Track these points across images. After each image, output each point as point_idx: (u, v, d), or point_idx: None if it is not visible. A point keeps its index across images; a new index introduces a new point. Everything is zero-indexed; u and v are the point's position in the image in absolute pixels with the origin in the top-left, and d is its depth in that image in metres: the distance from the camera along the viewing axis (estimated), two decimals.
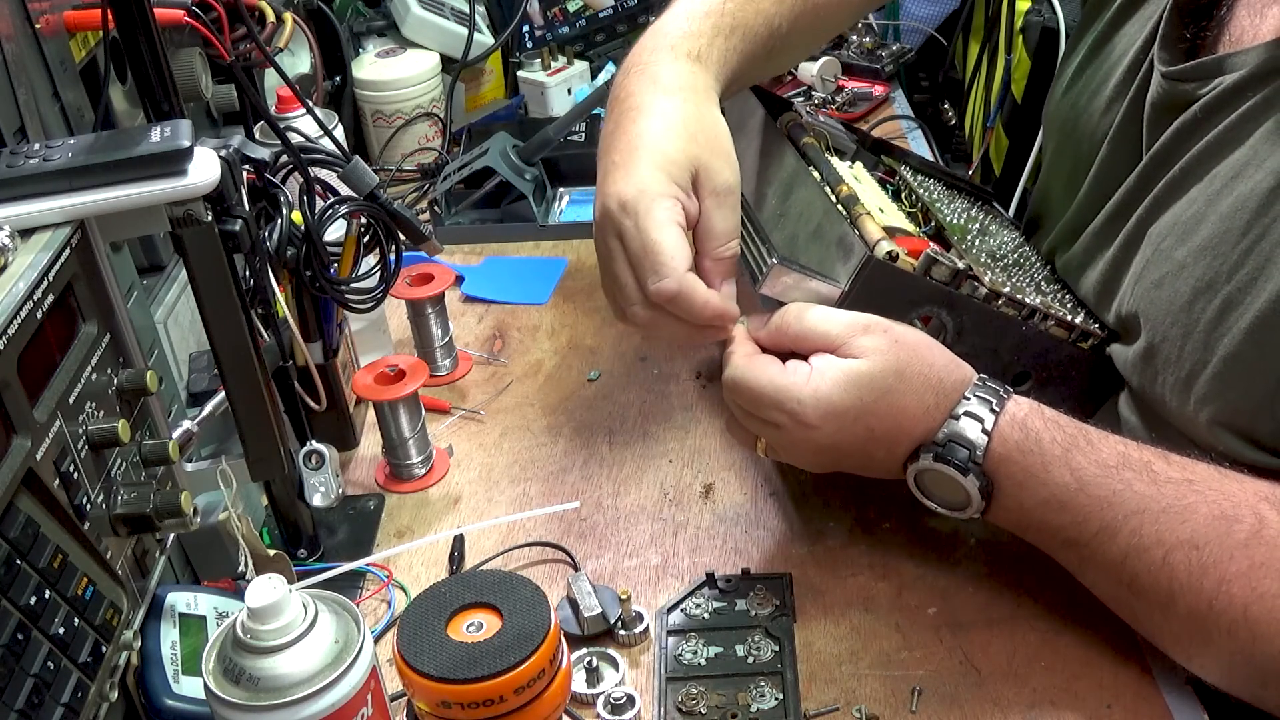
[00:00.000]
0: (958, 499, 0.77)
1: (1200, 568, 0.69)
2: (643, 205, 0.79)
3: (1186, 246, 0.77)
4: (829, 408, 0.76)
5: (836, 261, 0.82)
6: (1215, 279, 0.75)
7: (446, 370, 1.12)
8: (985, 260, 0.89)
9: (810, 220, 0.88)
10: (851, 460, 0.80)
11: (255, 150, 0.78)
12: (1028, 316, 0.84)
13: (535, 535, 0.92)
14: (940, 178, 1.06)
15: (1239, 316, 0.73)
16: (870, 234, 0.82)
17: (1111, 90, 0.91)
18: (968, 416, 0.75)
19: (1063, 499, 0.73)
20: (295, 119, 1.16)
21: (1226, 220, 0.75)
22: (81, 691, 0.61)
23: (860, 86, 1.60)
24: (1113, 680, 0.76)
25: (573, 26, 1.59)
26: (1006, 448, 0.74)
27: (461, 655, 0.68)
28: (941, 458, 0.75)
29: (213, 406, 0.84)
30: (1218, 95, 0.78)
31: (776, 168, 0.96)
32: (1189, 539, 0.69)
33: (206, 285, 0.74)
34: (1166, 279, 0.79)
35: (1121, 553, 0.72)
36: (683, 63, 0.87)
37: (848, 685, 0.78)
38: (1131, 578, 0.72)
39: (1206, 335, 0.75)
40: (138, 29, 0.75)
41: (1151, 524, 0.70)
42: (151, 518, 0.69)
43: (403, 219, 0.89)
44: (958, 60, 1.82)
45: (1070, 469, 0.73)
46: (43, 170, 0.65)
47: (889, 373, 0.76)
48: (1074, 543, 0.74)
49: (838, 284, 0.80)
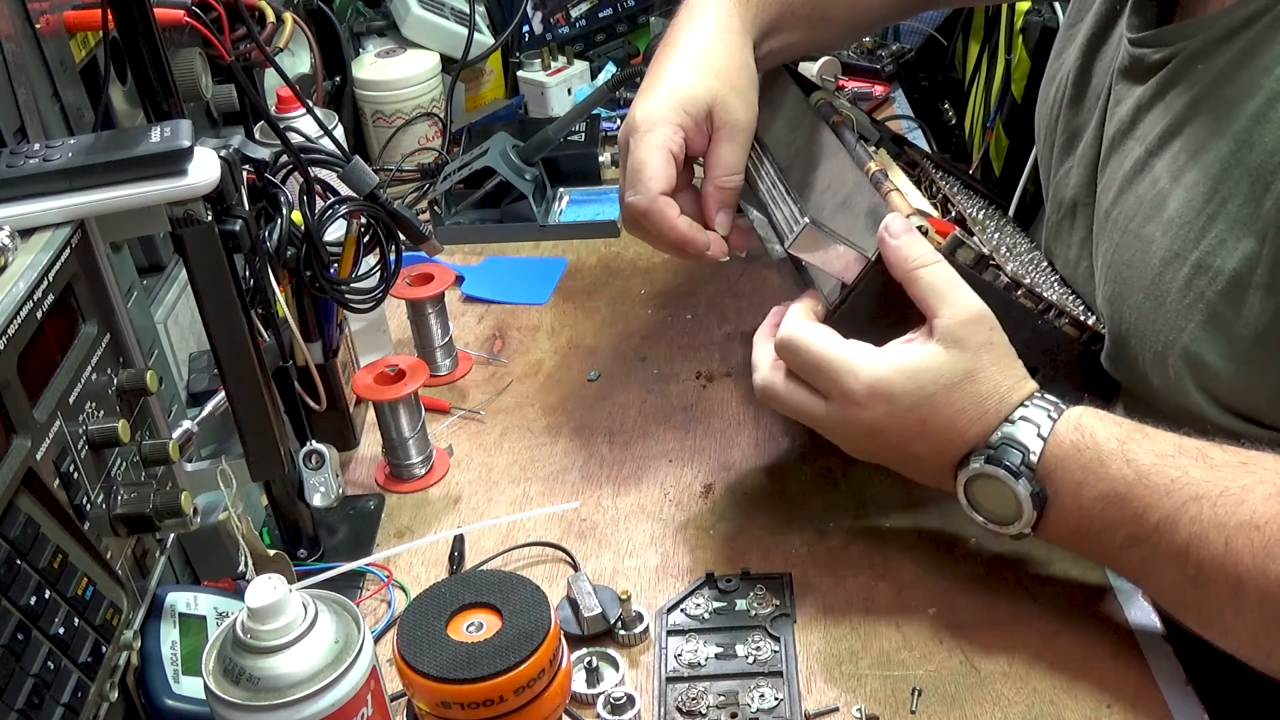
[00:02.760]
0: (1008, 510, 0.75)
1: (1264, 548, 0.66)
2: (643, 128, 0.89)
3: (1154, 222, 0.77)
4: (885, 389, 0.75)
5: (865, 232, 0.81)
6: (1184, 248, 0.75)
7: (446, 370, 1.12)
8: (1004, 253, 0.89)
9: (839, 191, 0.87)
10: (894, 452, 0.79)
11: (255, 150, 0.78)
12: (1044, 311, 0.84)
13: (535, 535, 0.92)
14: (958, 177, 1.06)
15: (1210, 280, 0.73)
16: (900, 209, 0.82)
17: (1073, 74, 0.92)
18: (1024, 421, 0.74)
19: (1121, 491, 0.71)
20: (295, 119, 1.16)
21: (1190, 190, 0.75)
22: (81, 691, 0.61)
23: (860, 86, 1.60)
24: (1113, 680, 0.76)
25: (573, 26, 1.59)
26: (1063, 449, 0.73)
27: (461, 655, 0.68)
28: (994, 460, 0.74)
29: (213, 406, 0.84)
30: (1173, 68, 0.78)
31: (805, 140, 0.96)
32: (1249, 520, 0.67)
33: (206, 285, 0.74)
34: (1137, 257, 0.79)
35: (1184, 543, 0.69)
36: (724, 4, 0.94)
37: (848, 685, 0.78)
38: (1197, 569, 0.69)
39: (1177, 303, 0.75)
40: (138, 29, 0.75)
41: (1210, 508, 0.68)
42: (151, 518, 0.69)
43: (403, 219, 0.89)
44: (958, 60, 1.82)
45: (1127, 460, 0.71)
46: (43, 170, 0.65)
47: (958, 372, 0.75)
48: (1136, 539, 0.72)
49: (866, 253, 0.80)
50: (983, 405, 0.75)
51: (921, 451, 0.78)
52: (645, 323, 1.17)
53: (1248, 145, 0.72)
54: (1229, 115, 0.74)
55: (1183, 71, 0.78)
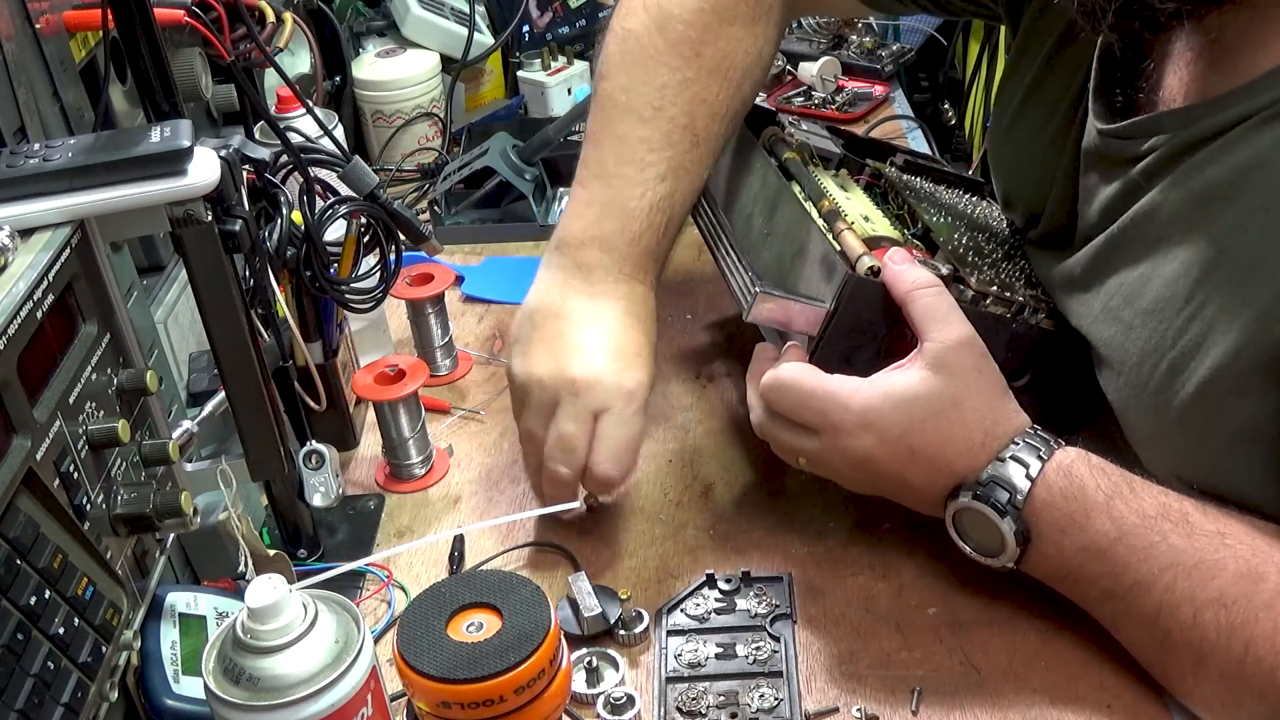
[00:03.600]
0: (993, 544, 0.76)
1: (1229, 628, 0.68)
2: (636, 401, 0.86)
3: (1133, 309, 0.77)
4: (874, 418, 0.76)
5: (821, 281, 0.82)
6: (1161, 343, 0.74)
7: (446, 370, 1.12)
8: (973, 258, 0.89)
9: (795, 240, 0.88)
10: (889, 482, 0.80)
11: (255, 150, 0.78)
12: (1017, 313, 0.84)
13: (535, 535, 0.92)
14: (929, 173, 1.05)
15: (1185, 381, 0.72)
16: (852, 250, 0.82)
17: (1052, 134, 0.88)
18: (1014, 460, 0.75)
19: (1102, 547, 0.72)
20: (295, 119, 1.16)
21: (1170, 286, 0.74)
22: (81, 691, 0.61)
23: (860, 86, 1.60)
24: (1113, 680, 0.76)
25: (573, 26, 1.59)
26: (1050, 494, 0.74)
27: (461, 655, 0.68)
28: (981, 497, 0.75)
29: (213, 406, 0.84)
30: (1158, 159, 0.76)
31: (761, 186, 0.96)
32: (1218, 597, 0.68)
33: (206, 285, 0.74)
34: (1116, 339, 0.79)
35: (1155, 608, 0.71)
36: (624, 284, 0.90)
37: (848, 685, 0.78)
38: (1164, 635, 0.71)
39: (1156, 397, 0.75)
40: (138, 29, 0.75)
41: (1184, 579, 0.69)
42: (151, 518, 0.69)
43: (403, 219, 0.89)
44: (958, 60, 1.82)
45: (1112, 518, 0.72)
46: (43, 170, 0.65)
47: (945, 398, 0.76)
48: (1110, 595, 0.73)
49: (822, 304, 0.81)
50: (970, 436, 0.76)
51: (913, 481, 0.78)
52: None
53: (1227, 253, 0.71)
54: (1211, 219, 0.72)
55: (1165, 168, 0.75)
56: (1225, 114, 0.71)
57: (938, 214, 0.97)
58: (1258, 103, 0.70)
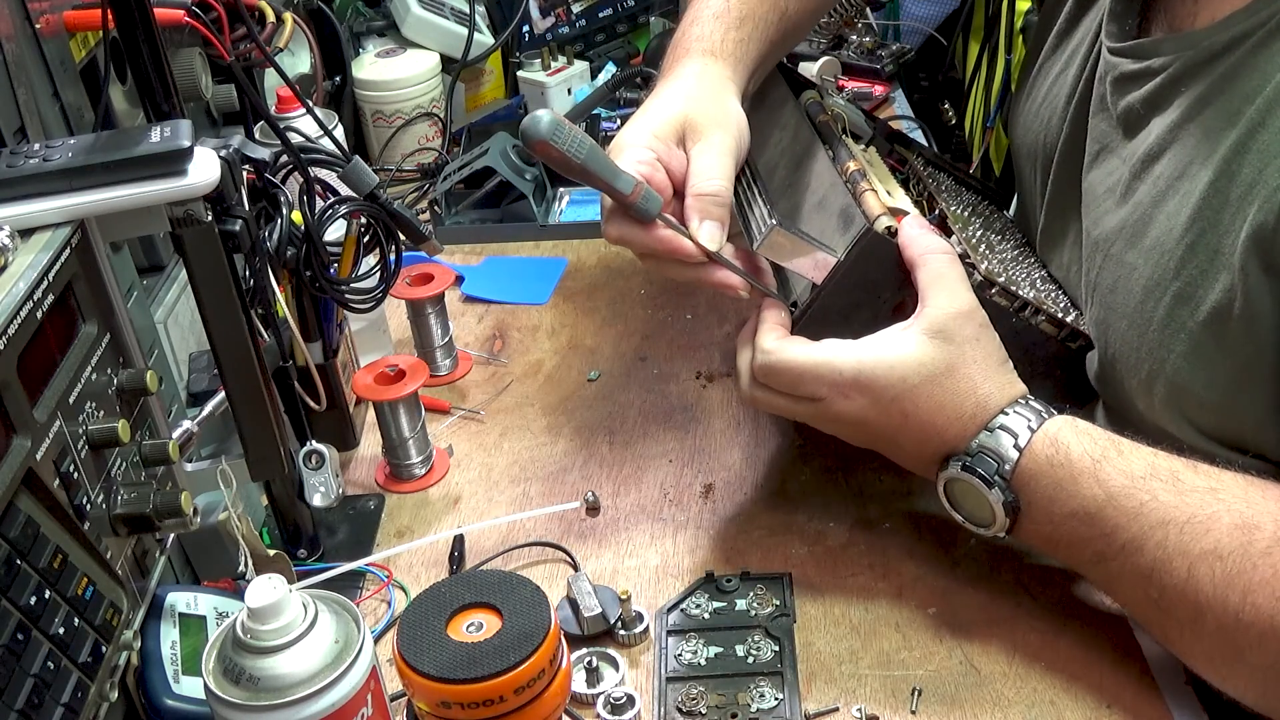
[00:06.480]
0: (983, 514, 0.77)
1: (1225, 579, 0.67)
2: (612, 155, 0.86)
3: (1136, 249, 0.78)
4: (868, 380, 0.76)
5: (836, 233, 0.82)
6: (1164, 277, 0.75)
7: (446, 370, 1.12)
8: (984, 251, 0.90)
9: (817, 192, 0.88)
10: (884, 443, 0.81)
11: (255, 150, 0.78)
12: (1019, 309, 0.84)
13: (535, 535, 0.92)
14: (951, 173, 1.06)
15: (1192, 311, 0.73)
16: (871, 209, 0.82)
17: (1067, 89, 0.91)
18: (1003, 430, 0.75)
19: (1091, 511, 0.72)
20: (295, 119, 1.16)
21: (1171, 218, 0.75)
22: (81, 691, 0.61)
23: (860, 86, 1.60)
24: (1113, 680, 0.76)
25: (573, 26, 1.59)
26: (1037, 464, 0.74)
27: (461, 655, 0.68)
28: (969, 468, 0.75)
29: (213, 406, 0.84)
30: (1155, 89, 0.77)
31: (791, 141, 0.97)
32: (1212, 549, 0.68)
33: (206, 285, 0.74)
34: (1120, 282, 0.79)
35: (1148, 566, 0.71)
36: (696, 59, 0.93)
37: (848, 685, 0.78)
38: (1159, 593, 0.71)
39: (1160, 333, 0.75)
40: (138, 29, 0.75)
41: (1176, 535, 0.69)
42: (151, 518, 0.69)
43: (403, 219, 0.89)
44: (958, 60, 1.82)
45: (1099, 481, 0.72)
46: (43, 170, 0.65)
47: (940, 364, 0.76)
48: (1103, 557, 0.73)
49: (834, 252, 0.80)
50: (961, 405, 0.76)
51: (905, 444, 0.79)
52: (645, 323, 1.17)
53: (1228, 175, 0.71)
54: (1210, 143, 0.73)
55: (1166, 95, 0.77)
56: (1217, 37, 0.73)
57: (956, 205, 0.97)
58: (1256, 19, 0.71)
